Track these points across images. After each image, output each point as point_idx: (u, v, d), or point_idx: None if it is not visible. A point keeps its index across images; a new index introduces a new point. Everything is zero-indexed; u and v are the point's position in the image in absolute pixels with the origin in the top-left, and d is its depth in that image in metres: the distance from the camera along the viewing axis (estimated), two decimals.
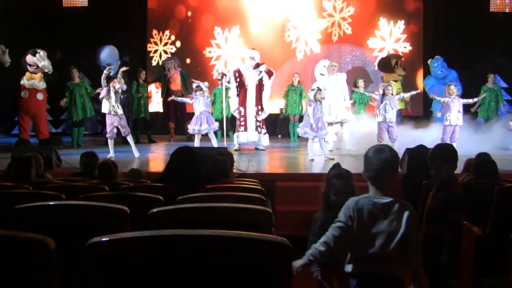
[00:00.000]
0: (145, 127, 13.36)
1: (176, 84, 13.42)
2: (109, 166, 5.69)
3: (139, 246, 1.91)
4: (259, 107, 10.92)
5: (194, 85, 10.67)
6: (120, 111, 10.05)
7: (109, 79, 10.33)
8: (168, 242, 1.92)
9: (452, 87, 10.55)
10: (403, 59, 13.94)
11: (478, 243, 4.25)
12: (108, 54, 13.06)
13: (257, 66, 10.91)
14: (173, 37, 15.17)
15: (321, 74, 12.03)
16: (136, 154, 10.14)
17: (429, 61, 13.34)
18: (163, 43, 15.16)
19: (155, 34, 15.18)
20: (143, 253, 1.91)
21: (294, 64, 14.86)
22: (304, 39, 14.98)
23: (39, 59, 11.53)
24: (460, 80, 13.09)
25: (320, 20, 14.98)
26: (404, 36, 14.92)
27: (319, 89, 9.71)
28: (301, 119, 12.37)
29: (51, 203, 3.30)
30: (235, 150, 10.67)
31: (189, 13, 15.14)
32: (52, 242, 1.98)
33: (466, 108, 11.12)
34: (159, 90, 14.16)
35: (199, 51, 15.12)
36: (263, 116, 11.01)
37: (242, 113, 10.90)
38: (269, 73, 11.05)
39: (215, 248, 1.92)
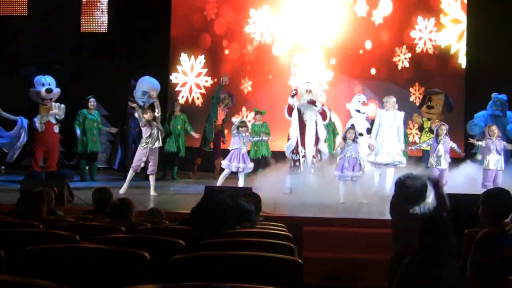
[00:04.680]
0: (174, 162, 13.25)
1: (220, 118, 13.38)
2: (124, 205, 5.67)
3: None
4: (317, 149, 10.67)
5: (237, 120, 10.76)
6: (157, 144, 10.23)
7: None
8: None
9: (494, 128, 10.37)
10: (433, 94, 13.69)
11: None
12: (151, 82, 12.99)
13: (313, 102, 10.71)
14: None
15: (356, 110, 11.81)
16: (153, 193, 10.20)
17: (493, 94, 13.13)
18: (194, 74, 15.29)
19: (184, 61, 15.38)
20: None
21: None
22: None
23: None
24: None
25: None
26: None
27: (350, 128, 9.78)
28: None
29: (66, 246, 3.32)
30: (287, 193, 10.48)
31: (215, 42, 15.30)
32: None
33: None
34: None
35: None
36: (323, 157, 10.75)
37: (303, 153, 10.52)
38: (323, 114, 10.90)
39: None
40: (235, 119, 10.97)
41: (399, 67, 14.91)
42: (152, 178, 10.28)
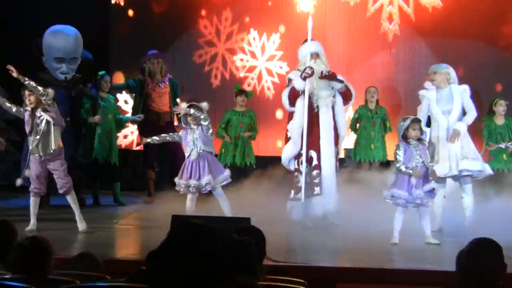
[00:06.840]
0: (110, 177, 13.25)
1: (163, 101, 13.26)
2: (36, 248, 5.52)
3: None
4: (337, 152, 10.80)
5: (184, 106, 10.43)
6: (52, 149, 10.00)
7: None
8: None
9: None
10: None
11: None
12: (68, 40, 12.61)
13: (329, 76, 10.52)
14: None
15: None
16: (82, 226, 10.20)
17: None
18: None
19: None
20: None
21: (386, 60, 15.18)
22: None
23: None
24: None
25: None
26: None
27: (414, 121, 9.58)
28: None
29: None
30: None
31: None
32: None
33: None
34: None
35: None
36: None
37: (316, 161, 10.53)
38: (346, 95, 10.78)
39: None
40: (184, 104, 10.51)
41: None
42: (71, 199, 10.19)
